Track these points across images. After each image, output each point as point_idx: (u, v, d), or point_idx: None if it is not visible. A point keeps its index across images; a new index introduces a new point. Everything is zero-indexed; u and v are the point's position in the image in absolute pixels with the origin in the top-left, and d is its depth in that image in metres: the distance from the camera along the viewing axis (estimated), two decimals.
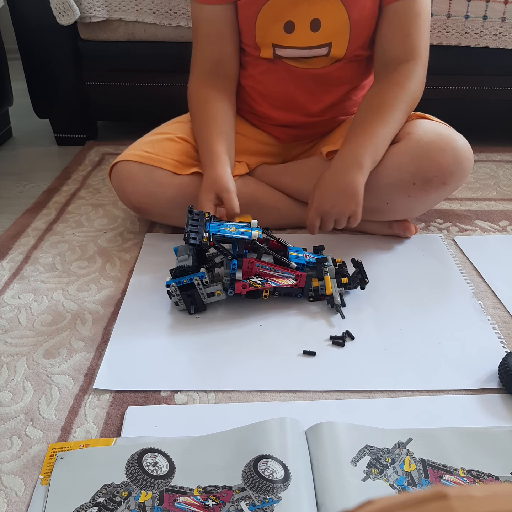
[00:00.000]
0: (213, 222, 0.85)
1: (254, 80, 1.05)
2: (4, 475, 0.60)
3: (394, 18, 0.93)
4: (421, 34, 0.93)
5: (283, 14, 0.94)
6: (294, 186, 1.06)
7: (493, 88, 1.45)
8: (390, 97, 0.91)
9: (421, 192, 0.94)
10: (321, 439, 0.61)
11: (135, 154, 1.00)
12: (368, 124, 0.90)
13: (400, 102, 0.91)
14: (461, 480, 0.58)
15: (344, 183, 0.87)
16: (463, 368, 0.75)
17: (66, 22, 1.34)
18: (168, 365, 0.75)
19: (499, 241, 1.06)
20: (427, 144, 0.91)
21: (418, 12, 0.92)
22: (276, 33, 0.96)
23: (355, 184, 0.86)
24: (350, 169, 0.87)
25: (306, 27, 0.95)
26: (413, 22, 0.92)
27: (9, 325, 0.82)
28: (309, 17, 0.94)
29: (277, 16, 0.94)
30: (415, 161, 0.91)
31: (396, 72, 0.93)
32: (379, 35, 0.95)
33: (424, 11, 0.93)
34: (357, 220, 0.89)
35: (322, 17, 0.93)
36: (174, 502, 0.55)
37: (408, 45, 0.93)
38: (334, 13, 0.93)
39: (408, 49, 0.93)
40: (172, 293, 0.83)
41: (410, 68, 0.93)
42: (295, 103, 1.05)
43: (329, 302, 0.86)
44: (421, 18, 0.93)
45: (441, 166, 0.91)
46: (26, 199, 1.25)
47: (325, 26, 0.94)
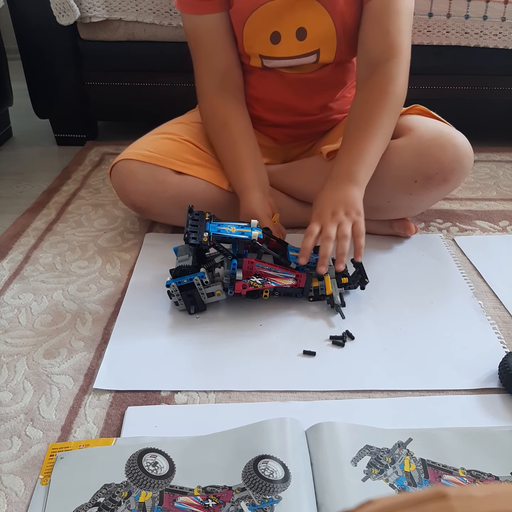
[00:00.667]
0: (213, 222, 0.85)
1: (247, 85, 1.06)
2: (4, 475, 0.60)
3: (373, 16, 0.91)
4: (401, 31, 0.91)
5: (268, 25, 0.94)
6: (294, 186, 1.06)
7: (493, 88, 1.45)
8: (376, 107, 0.89)
9: (422, 190, 0.94)
10: (321, 439, 0.61)
11: (136, 153, 1.00)
12: (358, 140, 0.87)
13: (386, 110, 0.89)
14: (461, 480, 0.58)
15: (342, 195, 0.84)
16: (463, 368, 0.75)
17: (66, 22, 1.34)
18: (168, 365, 0.75)
19: (499, 241, 1.06)
20: (428, 141, 0.91)
21: (397, 9, 0.90)
22: (263, 44, 0.97)
23: (353, 196, 0.84)
24: (346, 185, 0.85)
25: (292, 36, 0.95)
26: (391, 19, 0.90)
27: (9, 325, 0.82)
28: (295, 26, 0.94)
29: (262, 27, 0.95)
30: (416, 158, 0.91)
31: (377, 75, 0.90)
32: (361, 35, 0.94)
33: (404, 8, 0.90)
34: (361, 229, 0.83)
35: (307, 25, 0.93)
36: (174, 502, 0.55)
37: (388, 42, 0.90)
38: (319, 21, 0.93)
39: (388, 46, 0.90)
40: (172, 293, 0.83)
41: (391, 68, 0.90)
42: (288, 105, 1.06)
43: (329, 302, 0.86)
44: (401, 15, 0.90)
45: (442, 163, 0.91)
46: (26, 199, 1.25)
47: (311, 34, 0.94)
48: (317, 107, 1.07)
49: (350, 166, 0.86)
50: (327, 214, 0.83)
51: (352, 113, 0.92)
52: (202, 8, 0.95)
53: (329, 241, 0.80)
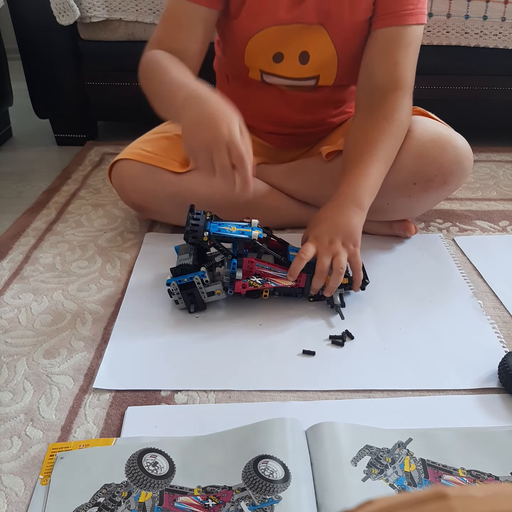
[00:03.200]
0: (214, 222, 0.85)
1: (243, 97, 1.03)
2: (4, 475, 0.60)
3: (383, 44, 0.90)
4: (409, 64, 0.90)
5: (274, 45, 0.94)
6: (294, 187, 1.06)
7: (493, 88, 1.45)
8: (382, 132, 0.88)
9: (422, 192, 0.94)
10: (321, 439, 0.61)
11: (134, 153, 1.00)
12: (363, 164, 0.85)
13: (391, 136, 0.88)
14: (461, 480, 0.58)
15: (343, 221, 0.82)
16: (462, 367, 0.74)
17: (66, 22, 1.34)
18: (168, 365, 0.75)
19: (499, 241, 1.06)
20: (428, 143, 0.91)
21: (407, 40, 0.89)
22: (265, 61, 0.96)
23: (353, 224, 0.82)
24: (350, 209, 0.83)
25: (295, 59, 0.94)
26: (401, 51, 0.89)
27: (9, 325, 0.82)
28: (299, 49, 0.93)
29: (267, 46, 0.94)
30: (415, 161, 0.91)
31: (384, 103, 0.89)
32: (365, 60, 0.92)
33: (414, 40, 0.90)
34: (359, 263, 0.82)
35: (311, 50, 0.93)
36: (174, 502, 0.55)
37: (395, 74, 0.90)
38: (323, 47, 0.92)
39: (395, 78, 0.90)
40: (172, 291, 0.83)
41: (397, 99, 0.89)
42: (285, 118, 1.05)
43: (329, 303, 0.86)
44: (411, 48, 0.89)
45: (442, 165, 0.91)
46: (26, 199, 1.25)
47: (314, 59, 0.94)
48: (315, 121, 1.07)
49: (355, 189, 0.84)
50: (324, 240, 0.81)
51: (356, 136, 0.90)
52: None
53: (323, 276, 0.80)
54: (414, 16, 0.87)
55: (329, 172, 0.99)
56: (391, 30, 0.89)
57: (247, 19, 0.92)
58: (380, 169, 0.86)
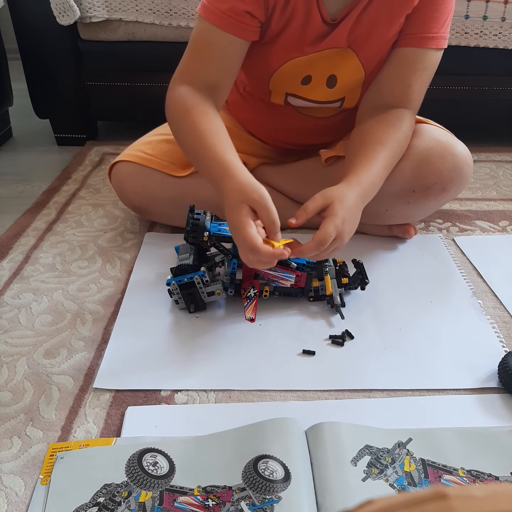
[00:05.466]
0: (214, 222, 0.85)
1: (255, 112, 1.03)
2: (4, 475, 0.60)
3: (400, 64, 0.88)
4: (421, 89, 0.90)
5: (302, 71, 0.91)
6: (293, 188, 1.05)
7: (493, 88, 1.45)
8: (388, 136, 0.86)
9: (421, 199, 0.93)
10: (321, 439, 0.61)
11: (134, 155, 1.00)
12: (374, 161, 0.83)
13: (396, 141, 0.87)
14: (461, 480, 0.58)
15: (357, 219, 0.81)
16: (462, 367, 0.75)
17: (66, 22, 1.34)
18: (168, 365, 0.75)
19: (499, 241, 1.06)
20: (426, 151, 0.90)
21: (425, 65, 0.88)
22: (292, 85, 0.94)
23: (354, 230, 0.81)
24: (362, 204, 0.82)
25: (322, 82, 0.92)
26: (416, 75, 0.88)
27: (9, 325, 0.82)
28: (327, 73, 0.91)
29: (296, 72, 0.91)
30: (414, 169, 0.91)
31: (391, 113, 0.89)
32: (379, 76, 0.91)
33: (431, 65, 0.89)
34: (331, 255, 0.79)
35: (339, 74, 0.91)
36: (174, 502, 0.55)
37: (406, 96, 0.89)
38: (352, 72, 0.91)
39: (405, 99, 0.89)
40: (172, 291, 0.83)
41: (403, 113, 0.89)
42: (296, 138, 1.05)
43: (329, 302, 0.86)
44: (426, 72, 0.89)
45: (441, 173, 0.90)
46: (26, 199, 1.25)
47: (341, 83, 0.92)
48: (322, 142, 1.06)
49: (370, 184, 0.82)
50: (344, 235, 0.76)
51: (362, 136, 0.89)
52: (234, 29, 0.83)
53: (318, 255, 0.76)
54: (436, 40, 0.86)
55: (327, 174, 0.99)
56: (410, 51, 0.87)
57: (282, 49, 0.88)
58: (386, 170, 0.86)
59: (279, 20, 0.86)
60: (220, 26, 0.83)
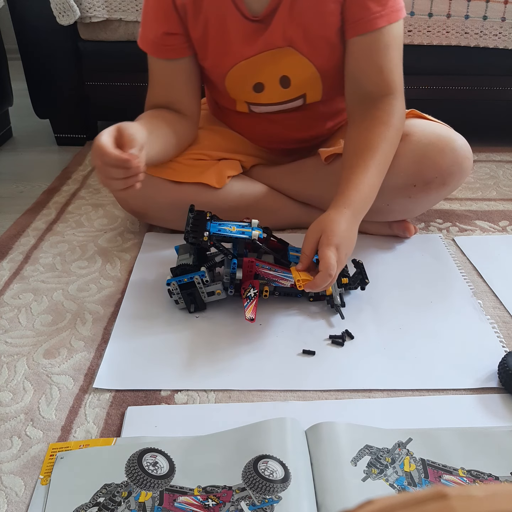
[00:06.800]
0: (214, 222, 0.85)
1: (234, 124, 1.06)
2: (4, 475, 0.60)
3: (362, 51, 0.87)
4: (394, 66, 0.87)
5: (250, 77, 0.93)
6: (293, 188, 1.05)
7: (493, 88, 1.45)
8: (380, 136, 0.85)
9: (421, 193, 0.94)
10: (321, 439, 0.61)
11: None
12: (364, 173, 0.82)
13: (387, 141, 0.85)
14: (461, 480, 0.58)
15: (353, 236, 0.80)
16: (462, 367, 0.75)
17: (66, 22, 1.34)
18: (168, 365, 0.75)
19: (499, 241, 1.06)
20: (427, 146, 0.91)
21: (387, 43, 0.85)
22: (247, 93, 0.96)
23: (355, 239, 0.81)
24: (357, 223, 0.81)
25: (276, 85, 0.94)
26: (383, 55, 0.86)
27: (9, 325, 0.82)
28: (277, 75, 0.93)
29: (243, 80, 0.94)
30: (415, 163, 0.91)
31: (377, 109, 0.87)
32: (348, 70, 0.90)
33: (394, 39, 0.86)
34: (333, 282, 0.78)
35: (289, 73, 0.92)
36: (174, 502, 0.55)
37: (382, 80, 0.87)
38: (301, 68, 0.91)
39: (383, 84, 0.88)
40: (172, 291, 0.83)
41: (390, 103, 0.87)
42: (280, 137, 1.05)
43: (329, 302, 0.86)
44: (391, 48, 0.86)
45: (441, 167, 0.90)
46: (26, 199, 1.25)
47: (295, 81, 0.93)
48: (313, 136, 1.06)
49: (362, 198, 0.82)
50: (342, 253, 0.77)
51: (353, 143, 0.87)
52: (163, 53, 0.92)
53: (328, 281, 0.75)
54: (384, 17, 0.84)
55: (328, 173, 0.99)
56: (364, 37, 0.85)
57: (215, 60, 0.92)
58: (380, 177, 0.85)
59: (195, 26, 0.89)
60: (152, 54, 0.93)
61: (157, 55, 0.93)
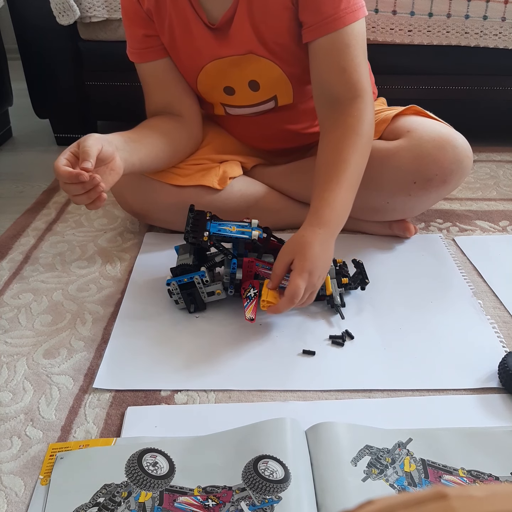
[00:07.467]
0: (214, 222, 0.85)
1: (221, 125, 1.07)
2: (4, 475, 0.60)
3: (323, 54, 0.85)
4: (357, 65, 0.85)
5: (219, 82, 0.95)
6: (294, 188, 1.05)
7: (493, 88, 1.45)
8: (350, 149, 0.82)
9: (421, 191, 0.94)
10: (321, 439, 0.61)
11: None
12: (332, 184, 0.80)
13: (358, 152, 0.82)
14: (461, 480, 0.58)
15: (328, 258, 0.79)
16: (462, 367, 0.74)
17: (66, 22, 1.34)
18: (168, 365, 0.75)
19: (499, 241, 1.05)
20: (428, 143, 0.91)
21: (347, 43, 0.83)
22: (219, 96, 0.98)
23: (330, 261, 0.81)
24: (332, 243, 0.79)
25: (245, 89, 0.95)
26: (343, 54, 0.83)
27: (9, 325, 0.82)
28: (245, 80, 0.94)
29: (213, 83, 0.96)
30: (415, 160, 0.91)
31: (347, 115, 0.84)
32: (313, 74, 0.88)
33: (354, 38, 0.84)
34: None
35: (257, 77, 0.93)
36: (174, 502, 0.55)
37: (347, 81, 0.85)
38: (267, 70, 0.92)
39: (349, 85, 0.85)
40: (172, 291, 0.83)
41: (359, 108, 0.84)
42: (265, 136, 1.06)
43: (329, 302, 0.86)
44: (352, 48, 0.84)
45: (442, 164, 0.91)
46: (26, 199, 1.25)
47: (264, 84, 0.94)
48: (299, 133, 1.06)
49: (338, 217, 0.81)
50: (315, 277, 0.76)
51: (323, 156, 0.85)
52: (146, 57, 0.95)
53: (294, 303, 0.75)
54: (341, 19, 0.82)
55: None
56: (322, 40, 0.84)
57: (186, 62, 0.94)
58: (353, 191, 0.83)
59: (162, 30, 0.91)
60: (139, 59, 0.96)
61: (143, 59, 0.96)
